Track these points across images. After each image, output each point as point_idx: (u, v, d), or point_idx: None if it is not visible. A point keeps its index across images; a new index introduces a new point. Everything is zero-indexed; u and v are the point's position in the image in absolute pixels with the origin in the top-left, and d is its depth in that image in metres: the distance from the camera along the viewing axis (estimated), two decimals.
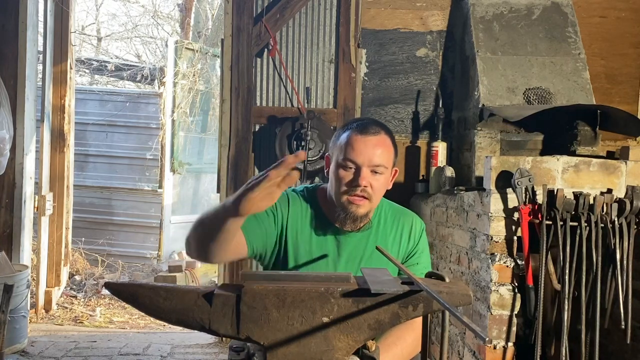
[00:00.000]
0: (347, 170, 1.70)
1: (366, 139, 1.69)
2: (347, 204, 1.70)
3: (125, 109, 7.44)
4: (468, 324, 0.97)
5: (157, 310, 1.20)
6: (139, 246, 7.22)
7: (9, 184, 4.24)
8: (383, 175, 1.72)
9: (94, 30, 13.10)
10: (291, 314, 1.16)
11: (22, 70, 4.24)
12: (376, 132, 1.72)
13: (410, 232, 1.86)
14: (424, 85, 3.97)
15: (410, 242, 1.86)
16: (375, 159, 1.69)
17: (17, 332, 3.84)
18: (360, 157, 1.68)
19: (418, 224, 1.89)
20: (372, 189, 1.69)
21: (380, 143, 1.71)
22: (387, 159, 1.72)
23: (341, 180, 1.70)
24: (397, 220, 1.86)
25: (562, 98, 3.35)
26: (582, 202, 2.40)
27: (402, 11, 3.96)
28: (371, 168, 1.69)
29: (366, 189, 1.68)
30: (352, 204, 1.69)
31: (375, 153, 1.69)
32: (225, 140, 3.92)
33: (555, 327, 2.53)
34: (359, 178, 1.67)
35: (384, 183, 1.73)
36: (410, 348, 1.68)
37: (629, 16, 3.98)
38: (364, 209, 1.71)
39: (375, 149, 1.69)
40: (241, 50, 3.89)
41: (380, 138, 1.72)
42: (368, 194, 1.69)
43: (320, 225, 1.78)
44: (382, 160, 1.70)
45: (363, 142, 1.69)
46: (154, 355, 4.00)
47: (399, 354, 1.62)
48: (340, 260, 1.79)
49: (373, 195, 1.71)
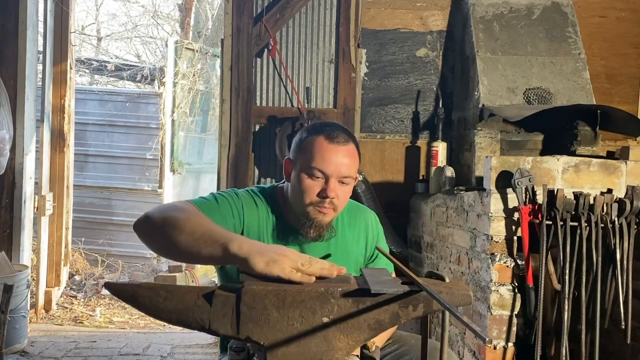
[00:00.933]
0: (314, 179, 1.63)
1: (336, 148, 1.64)
2: (312, 213, 1.65)
3: (125, 109, 7.44)
4: (468, 324, 0.97)
5: (157, 310, 1.20)
6: (139, 246, 7.20)
7: (9, 184, 4.24)
8: (349, 186, 1.68)
9: (94, 30, 13.12)
10: (291, 314, 1.16)
11: (22, 70, 4.24)
12: (345, 141, 1.66)
13: (369, 226, 1.85)
14: (424, 85, 3.97)
15: (370, 236, 1.84)
16: (343, 169, 1.63)
17: (17, 332, 3.84)
18: (330, 168, 1.62)
19: (372, 215, 1.88)
20: (338, 200, 1.65)
21: (349, 153, 1.66)
22: (354, 170, 1.68)
23: (307, 190, 1.63)
24: (353, 219, 1.83)
25: (562, 98, 3.35)
26: (582, 202, 2.40)
27: (402, 11, 3.96)
28: (339, 179, 1.64)
29: (333, 200, 1.64)
30: (319, 213, 1.65)
31: (344, 163, 1.64)
32: (225, 140, 3.92)
33: (555, 327, 2.53)
34: (328, 190, 1.62)
35: (348, 192, 1.70)
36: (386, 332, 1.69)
37: (629, 16, 3.98)
38: (329, 217, 1.67)
39: (344, 159, 1.64)
40: (241, 50, 3.89)
41: (349, 148, 1.67)
42: (334, 204, 1.65)
43: (283, 232, 1.72)
44: (350, 171, 1.65)
45: (334, 152, 1.63)
46: (154, 355, 4.00)
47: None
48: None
49: (339, 205, 1.67)
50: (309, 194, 1.63)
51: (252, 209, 1.70)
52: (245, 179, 3.89)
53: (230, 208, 1.66)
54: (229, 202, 1.67)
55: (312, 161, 1.63)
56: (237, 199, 1.69)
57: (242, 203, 1.69)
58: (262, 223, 1.71)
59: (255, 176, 3.96)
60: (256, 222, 1.70)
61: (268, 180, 3.95)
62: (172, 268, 6.21)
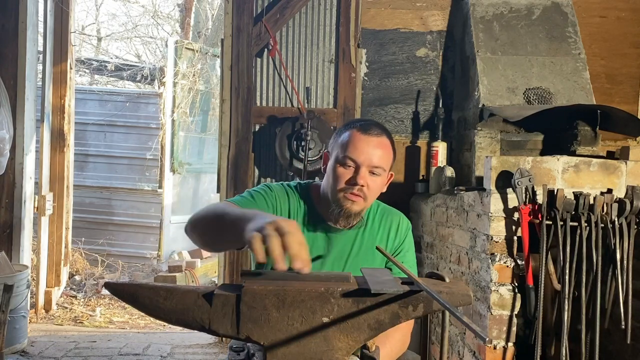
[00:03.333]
0: (346, 168, 1.71)
1: (368, 139, 1.71)
2: (342, 200, 1.71)
3: (125, 109, 7.44)
4: (468, 324, 0.97)
5: (157, 310, 1.20)
6: (138, 246, 7.22)
7: (9, 184, 4.24)
8: (380, 177, 1.73)
9: (94, 30, 13.11)
10: (291, 314, 1.16)
11: (22, 70, 4.24)
12: (378, 133, 1.73)
13: (397, 230, 1.89)
14: (424, 85, 3.97)
15: (396, 239, 1.88)
16: (374, 159, 1.70)
17: (17, 332, 3.84)
18: (361, 156, 1.69)
19: (404, 222, 1.92)
20: (368, 189, 1.71)
21: (381, 145, 1.73)
22: (386, 161, 1.74)
23: (339, 178, 1.71)
24: (384, 219, 1.88)
25: (562, 98, 3.35)
26: (582, 202, 2.40)
27: (402, 11, 3.96)
28: (370, 168, 1.70)
29: (363, 188, 1.70)
30: (348, 200, 1.71)
31: (375, 154, 1.70)
32: (225, 140, 3.92)
33: (555, 327, 2.52)
34: (357, 177, 1.69)
35: (380, 185, 1.75)
36: (399, 344, 1.70)
37: (629, 16, 3.98)
38: (358, 206, 1.73)
39: (375, 149, 1.71)
40: (241, 50, 3.89)
41: (382, 140, 1.73)
42: (364, 193, 1.71)
43: (312, 221, 1.80)
44: (381, 162, 1.72)
45: (365, 142, 1.71)
46: (154, 355, 4.00)
47: (388, 351, 1.63)
48: (328, 257, 1.81)
49: (368, 195, 1.73)
50: (340, 181, 1.71)
51: (284, 199, 1.80)
52: (245, 179, 3.90)
53: (265, 201, 1.76)
54: (263, 196, 1.77)
55: (345, 151, 1.71)
56: (271, 192, 1.80)
57: (274, 195, 1.79)
58: (292, 211, 1.80)
59: (255, 176, 3.96)
60: (287, 210, 1.79)
61: (268, 179, 3.95)
62: (172, 268, 6.21)
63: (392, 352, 1.67)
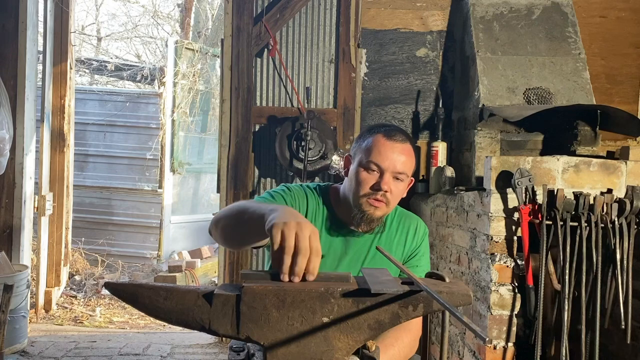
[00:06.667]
0: (370, 172, 1.73)
1: (393, 145, 1.73)
2: (365, 205, 1.73)
3: (125, 109, 7.44)
4: (468, 324, 0.97)
5: (157, 310, 1.20)
6: (138, 246, 7.23)
7: (9, 184, 4.24)
8: (403, 183, 1.76)
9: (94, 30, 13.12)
10: (291, 314, 1.16)
11: (22, 70, 4.24)
12: (403, 140, 1.75)
13: (414, 234, 1.90)
14: (424, 85, 3.97)
15: (413, 243, 1.90)
16: (399, 165, 1.72)
17: (17, 332, 3.84)
18: (386, 162, 1.71)
19: (422, 227, 1.93)
20: (392, 195, 1.73)
21: (405, 151, 1.75)
22: (409, 168, 1.76)
23: (362, 182, 1.73)
24: (402, 224, 1.90)
25: (562, 98, 3.35)
26: (582, 202, 2.40)
27: (402, 11, 3.96)
28: (394, 174, 1.72)
29: (386, 194, 1.72)
30: (371, 206, 1.72)
31: (399, 160, 1.72)
32: (225, 140, 3.92)
33: (555, 327, 2.52)
34: (382, 182, 1.71)
35: (402, 190, 1.77)
36: (407, 349, 1.70)
37: (629, 16, 3.98)
38: (380, 212, 1.75)
39: (400, 155, 1.73)
40: (241, 50, 3.89)
41: (406, 146, 1.76)
42: (387, 199, 1.73)
43: (331, 223, 1.82)
44: (404, 168, 1.74)
45: (390, 148, 1.73)
46: (154, 355, 4.00)
47: (396, 355, 1.63)
48: (344, 259, 1.82)
49: (391, 200, 1.74)
50: (363, 186, 1.73)
51: (303, 200, 1.82)
52: (245, 179, 3.90)
53: (284, 201, 1.78)
54: (282, 196, 1.79)
55: (369, 155, 1.73)
56: (290, 192, 1.82)
57: (293, 195, 1.81)
58: (311, 212, 1.82)
59: (255, 176, 3.96)
60: (305, 211, 1.81)
61: (268, 180, 3.95)
62: (172, 268, 6.21)
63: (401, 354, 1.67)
